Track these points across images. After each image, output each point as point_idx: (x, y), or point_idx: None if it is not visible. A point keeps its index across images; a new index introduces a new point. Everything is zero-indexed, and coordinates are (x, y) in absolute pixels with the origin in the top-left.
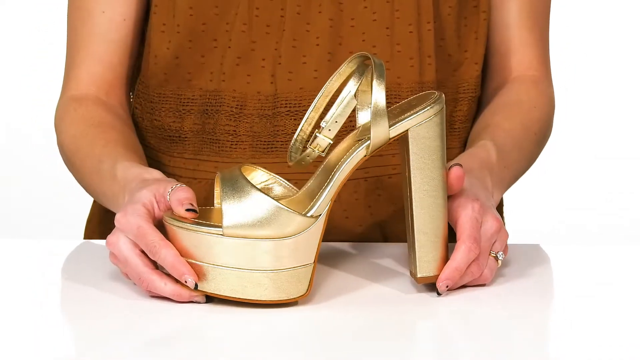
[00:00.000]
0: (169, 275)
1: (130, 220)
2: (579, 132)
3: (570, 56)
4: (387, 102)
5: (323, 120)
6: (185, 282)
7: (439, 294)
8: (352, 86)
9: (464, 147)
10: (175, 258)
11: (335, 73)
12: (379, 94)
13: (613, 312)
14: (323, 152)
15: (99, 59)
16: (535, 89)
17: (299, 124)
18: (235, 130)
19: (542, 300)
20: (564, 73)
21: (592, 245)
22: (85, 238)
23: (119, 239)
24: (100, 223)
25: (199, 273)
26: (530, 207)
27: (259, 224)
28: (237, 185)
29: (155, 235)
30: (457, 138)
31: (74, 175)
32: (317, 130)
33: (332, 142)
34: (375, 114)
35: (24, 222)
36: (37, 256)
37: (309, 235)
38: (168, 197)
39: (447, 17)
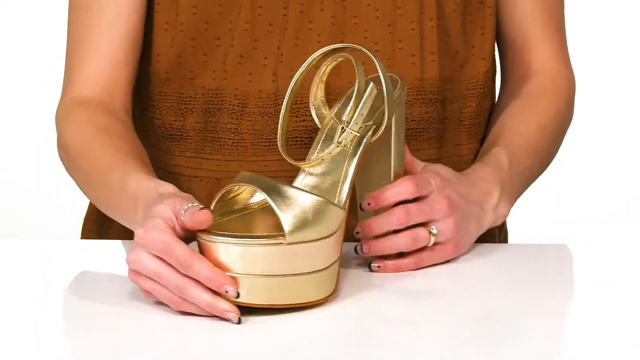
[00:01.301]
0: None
1: (154, 236)
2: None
3: (580, 48)
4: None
5: (345, 115)
6: (226, 292)
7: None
8: (362, 77)
9: (473, 142)
10: (212, 269)
11: (304, 65)
12: (388, 82)
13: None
14: (348, 146)
15: (104, 53)
16: (552, 85)
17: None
18: (237, 129)
19: (561, 300)
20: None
21: (618, 243)
22: (82, 235)
23: (141, 257)
24: (97, 221)
25: (254, 284)
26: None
27: (317, 226)
28: (281, 190)
29: (184, 249)
30: (466, 134)
31: (76, 179)
32: (343, 124)
33: (358, 135)
34: (389, 101)
35: (23, 222)
36: (36, 257)
37: (342, 227)
38: (182, 216)
39: (452, 13)
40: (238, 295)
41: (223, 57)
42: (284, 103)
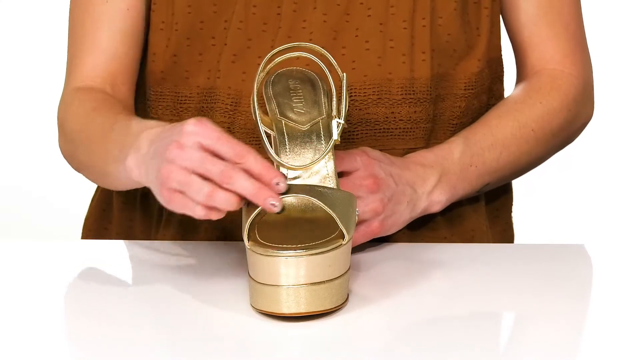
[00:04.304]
0: None
1: (210, 126)
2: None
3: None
4: (377, 99)
5: (338, 113)
6: (277, 184)
7: None
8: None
9: None
10: (265, 162)
11: (261, 67)
12: (344, 75)
13: None
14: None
15: (104, 49)
16: (549, 85)
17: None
18: (229, 127)
19: (576, 301)
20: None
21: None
22: (82, 235)
23: (185, 145)
24: (96, 220)
25: (318, 292)
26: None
27: (353, 220)
28: (316, 191)
29: (239, 142)
30: (451, 133)
31: (78, 158)
32: (340, 119)
33: (346, 127)
34: (346, 99)
35: (23, 222)
36: (36, 257)
37: None
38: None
39: (452, 12)
40: (286, 190)
41: (217, 56)
42: (254, 109)
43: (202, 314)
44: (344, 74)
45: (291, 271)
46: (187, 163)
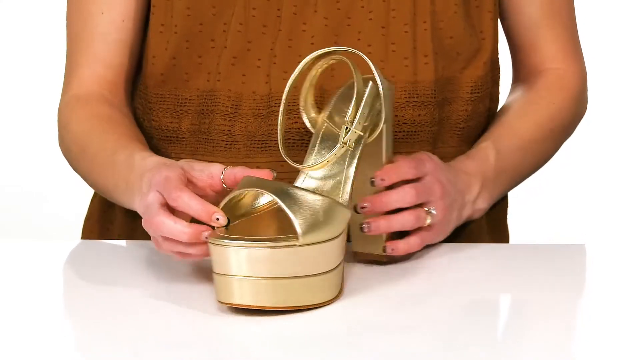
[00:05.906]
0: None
1: (163, 173)
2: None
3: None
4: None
5: (348, 115)
6: (217, 219)
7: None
8: (360, 78)
9: (463, 145)
10: (200, 200)
11: (298, 69)
12: (384, 81)
13: None
14: (352, 146)
15: (101, 60)
16: (558, 83)
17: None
18: (230, 130)
19: (575, 301)
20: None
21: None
22: (83, 236)
23: (148, 194)
24: (98, 221)
25: (261, 287)
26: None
27: (327, 227)
28: (290, 192)
29: (178, 184)
30: (457, 137)
31: (80, 170)
32: (347, 125)
33: (362, 134)
34: (386, 101)
35: (24, 222)
36: (37, 257)
37: (346, 228)
38: (222, 176)
39: (453, 15)
40: (228, 223)
41: (217, 59)
42: (281, 107)
43: (204, 314)
44: (379, 81)
45: (234, 261)
46: (153, 208)
